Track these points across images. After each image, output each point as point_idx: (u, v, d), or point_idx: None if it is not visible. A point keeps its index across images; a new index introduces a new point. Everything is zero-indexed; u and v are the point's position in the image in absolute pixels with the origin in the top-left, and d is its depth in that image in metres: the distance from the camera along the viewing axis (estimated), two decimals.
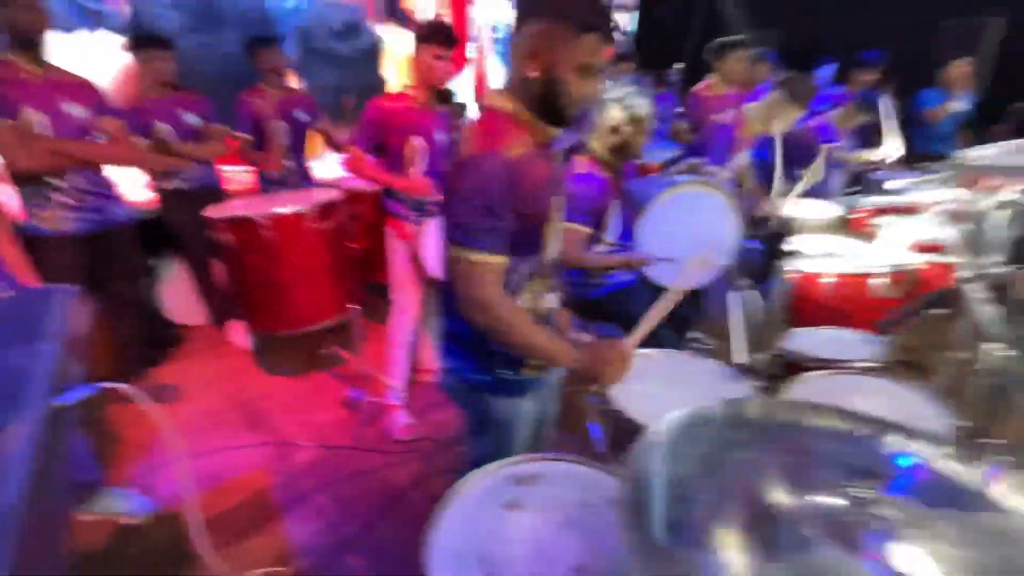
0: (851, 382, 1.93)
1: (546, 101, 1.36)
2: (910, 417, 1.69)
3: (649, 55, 7.78)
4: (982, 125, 5.35)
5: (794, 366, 2.09)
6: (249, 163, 3.85)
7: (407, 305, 3.07)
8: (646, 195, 2.95)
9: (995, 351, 1.87)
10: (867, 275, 2.78)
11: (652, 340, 2.49)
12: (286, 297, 3.09)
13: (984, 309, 2.39)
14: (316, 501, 2.61)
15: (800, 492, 0.84)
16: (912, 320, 2.28)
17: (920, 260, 2.83)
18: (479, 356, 1.55)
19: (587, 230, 2.52)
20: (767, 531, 0.78)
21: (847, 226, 3.67)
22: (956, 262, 2.58)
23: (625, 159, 2.66)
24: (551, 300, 1.62)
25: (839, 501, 0.84)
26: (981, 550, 0.79)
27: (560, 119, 1.40)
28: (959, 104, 5.20)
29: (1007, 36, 5.93)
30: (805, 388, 1.86)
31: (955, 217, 3.23)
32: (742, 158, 3.63)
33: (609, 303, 2.82)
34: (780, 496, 0.84)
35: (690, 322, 3.38)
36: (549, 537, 1.17)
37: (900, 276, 2.76)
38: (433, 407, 3.22)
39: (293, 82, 4.92)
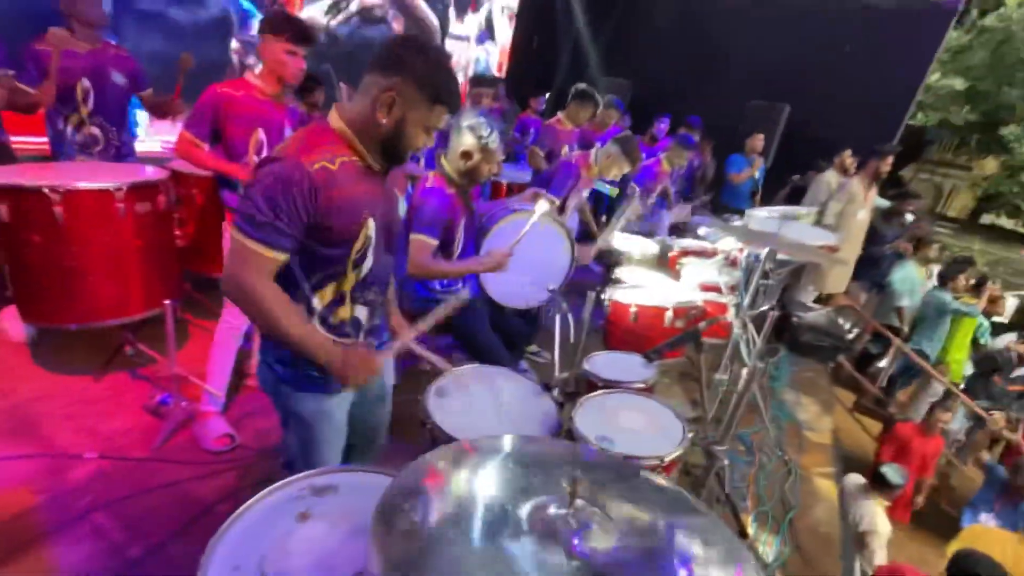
0: (621, 400, 2.26)
1: (386, 144, 1.50)
2: (656, 426, 2.10)
3: (520, 80, 8.16)
4: (768, 189, 6.58)
5: (591, 384, 2.42)
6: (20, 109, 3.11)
7: None
8: (491, 218, 3.12)
9: (745, 373, 2.37)
10: (663, 308, 3.22)
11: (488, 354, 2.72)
12: (78, 286, 2.72)
13: (741, 340, 3.03)
14: (95, 521, 2.27)
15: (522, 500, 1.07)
16: (685, 346, 2.61)
17: (703, 297, 3.38)
18: (285, 350, 1.58)
19: (432, 241, 2.54)
20: (493, 529, 0.99)
21: (664, 263, 4.17)
22: (728, 301, 3.32)
23: (472, 183, 2.75)
24: (377, 311, 1.71)
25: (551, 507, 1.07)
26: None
27: (393, 159, 1.54)
28: (756, 170, 6.40)
29: (791, 119, 7.11)
30: (588, 404, 2.19)
31: (730, 264, 3.92)
32: (581, 196, 3.89)
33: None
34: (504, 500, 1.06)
35: (530, 338, 3.60)
36: (334, 547, 1.20)
37: (682, 311, 3.23)
38: (256, 414, 2.98)
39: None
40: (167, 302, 2.68)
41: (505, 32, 9.23)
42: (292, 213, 1.39)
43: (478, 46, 8.75)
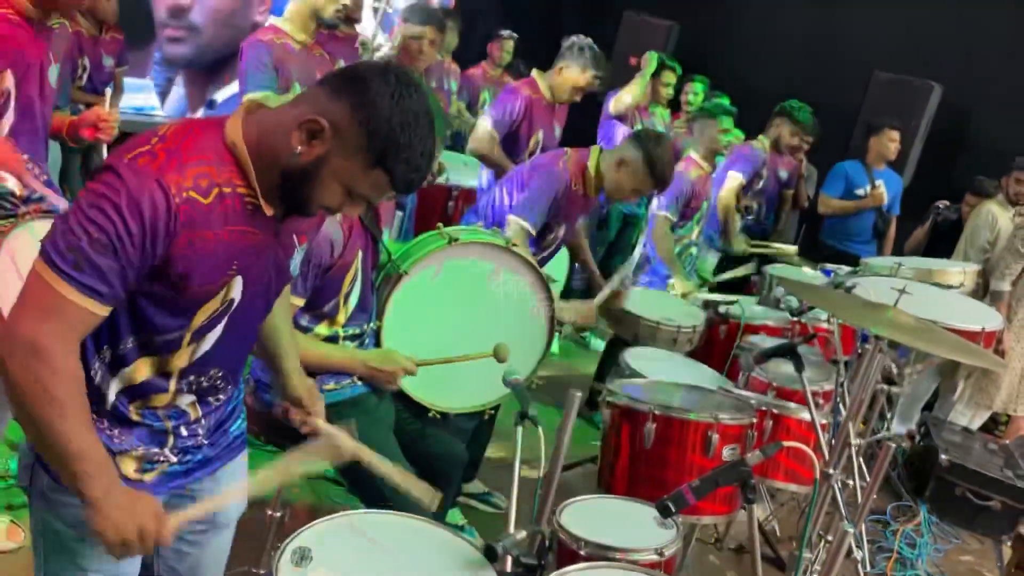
0: None
1: (288, 181, 1.18)
2: None
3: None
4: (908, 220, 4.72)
5: (568, 552, 1.81)
6: None
7: None
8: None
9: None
10: (703, 423, 2.21)
11: None
12: None
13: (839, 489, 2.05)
14: None
15: None
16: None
17: (773, 407, 2.47)
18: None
19: (298, 301, 1.84)
20: None
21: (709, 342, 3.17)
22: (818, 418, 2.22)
23: None
24: (213, 409, 1.36)
25: None
26: None
27: (292, 206, 1.22)
28: (884, 192, 4.59)
29: (943, 108, 5.17)
30: None
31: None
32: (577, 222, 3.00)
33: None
34: None
35: (471, 469, 2.74)
36: None
37: (735, 430, 2.29)
38: None
39: None
40: None
41: None
42: (132, 251, 1.08)
43: None
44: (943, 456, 3.38)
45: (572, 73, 3.34)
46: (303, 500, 2.66)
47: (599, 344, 4.23)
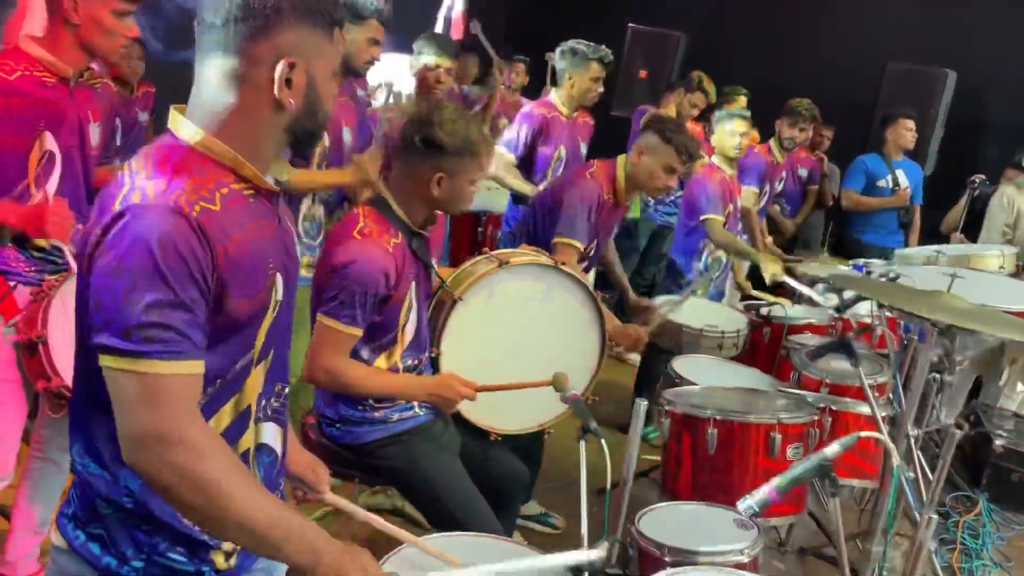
0: None
1: (297, 128, 1.10)
2: None
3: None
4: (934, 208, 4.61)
5: (649, 560, 1.73)
6: None
7: None
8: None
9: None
10: (765, 424, 2.16)
11: None
12: None
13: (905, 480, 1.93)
14: None
15: None
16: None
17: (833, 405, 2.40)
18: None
19: (351, 330, 1.80)
20: None
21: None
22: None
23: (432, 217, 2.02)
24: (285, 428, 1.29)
25: None
26: None
27: (307, 143, 1.15)
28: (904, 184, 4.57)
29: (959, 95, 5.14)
30: None
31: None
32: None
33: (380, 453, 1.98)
34: None
35: (529, 488, 2.43)
36: None
37: (798, 429, 2.21)
38: None
39: None
40: None
41: None
42: (193, 289, 0.97)
43: None
44: (997, 442, 3.33)
45: (579, 76, 3.35)
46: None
47: (635, 357, 4.21)
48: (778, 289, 3.82)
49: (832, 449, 1.32)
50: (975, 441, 3.55)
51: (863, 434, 1.35)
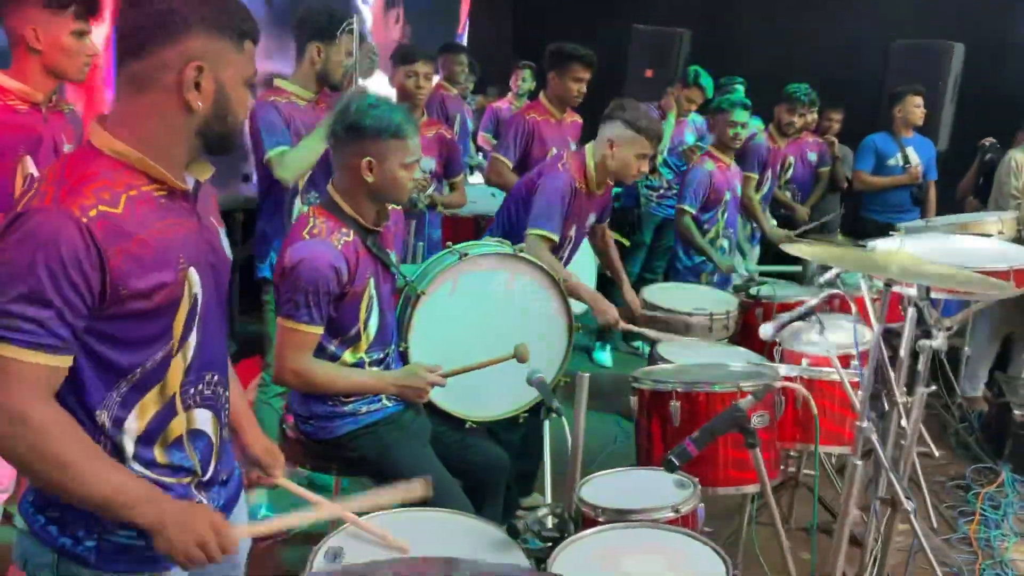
0: (631, 539, 1.57)
1: (209, 132, 1.16)
2: None
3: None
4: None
5: (588, 521, 1.70)
6: None
7: None
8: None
9: None
10: (732, 391, 2.11)
11: None
12: None
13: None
14: None
15: None
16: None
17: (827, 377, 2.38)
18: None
19: (309, 329, 1.83)
20: None
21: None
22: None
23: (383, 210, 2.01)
24: (224, 412, 1.33)
25: None
26: None
27: (221, 147, 1.21)
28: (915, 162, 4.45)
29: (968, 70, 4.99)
30: (574, 550, 1.58)
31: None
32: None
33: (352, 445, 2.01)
34: None
35: (528, 478, 2.68)
36: None
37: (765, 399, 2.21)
38: None
39: None
40: None
41: None
42: (68, 291, 1.03)
43: None
44: (1017, 412, 3.23)
45: (563, 75, 3.43)
46: None
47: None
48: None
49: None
50: (998, 412, 3.45)
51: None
